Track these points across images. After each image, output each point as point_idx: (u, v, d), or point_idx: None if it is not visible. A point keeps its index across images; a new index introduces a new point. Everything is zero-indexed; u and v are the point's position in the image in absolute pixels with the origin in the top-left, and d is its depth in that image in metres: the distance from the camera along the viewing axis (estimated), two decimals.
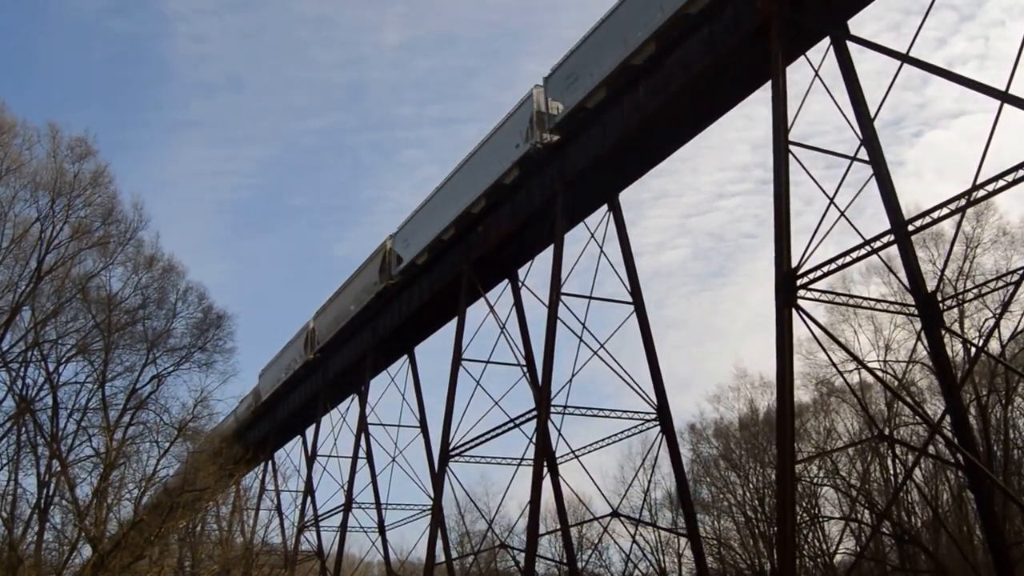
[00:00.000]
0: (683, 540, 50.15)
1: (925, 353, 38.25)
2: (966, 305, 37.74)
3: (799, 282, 26.79)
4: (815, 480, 43.02)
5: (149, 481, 26.16)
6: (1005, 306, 32.19)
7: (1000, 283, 29.47)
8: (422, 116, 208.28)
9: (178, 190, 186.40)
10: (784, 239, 27.38)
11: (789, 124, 28.84)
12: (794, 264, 26.88)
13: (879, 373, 31.63)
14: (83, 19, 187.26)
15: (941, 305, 29.32)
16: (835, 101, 30.61)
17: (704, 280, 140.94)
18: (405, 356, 51.88)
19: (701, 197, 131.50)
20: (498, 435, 38.35)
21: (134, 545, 25.87)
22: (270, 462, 64.16)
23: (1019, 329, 35.55)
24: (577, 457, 37.49)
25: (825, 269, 26.85)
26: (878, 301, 30.46)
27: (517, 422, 38.03)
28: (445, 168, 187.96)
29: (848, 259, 27.05)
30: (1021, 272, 27.70)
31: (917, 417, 37.64)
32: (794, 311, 26.64)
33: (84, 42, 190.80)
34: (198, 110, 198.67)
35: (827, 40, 30.25)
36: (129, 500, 27.94)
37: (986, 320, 36.02)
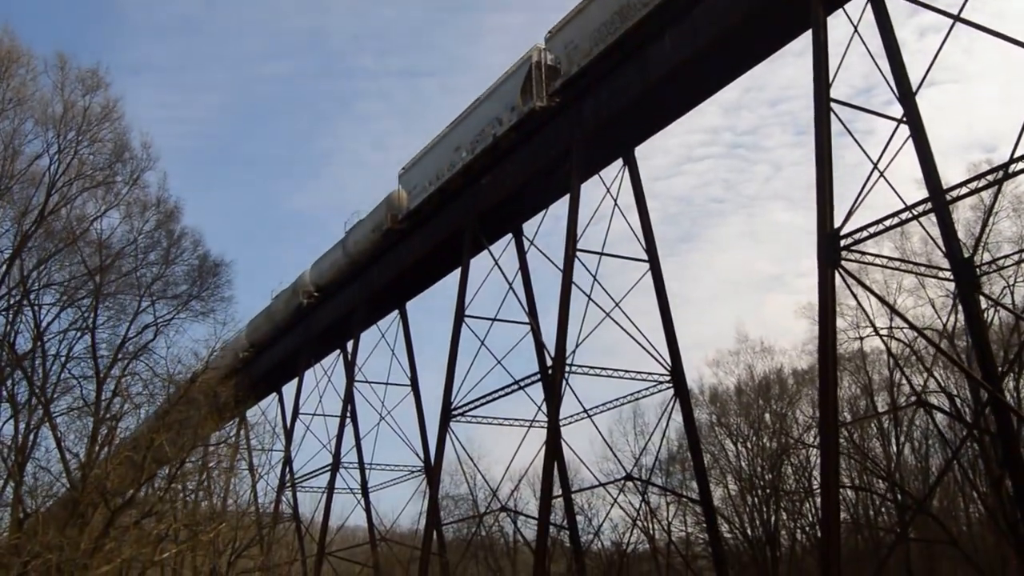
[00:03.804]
0: (671, 508, 49.72)
1: (936, 320, 38.10)
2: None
3: (842, 243, 26.05)
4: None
5: (158, 433, 24.50)
6: None
7: None
8: (383, 67, 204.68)
9: None
10: (827, 200, 26.43)
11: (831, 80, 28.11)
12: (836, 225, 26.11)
13: (928, 335, 30.86)
14: None
15: (977, 271, 28.77)
16: (873, 59, 29.65)
17: (671, 245, 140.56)
18: (395, 312, 50.35)
19: (669, 159, 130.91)
20: (504, 396, 37.22)
21: (144, 502, 24.44)
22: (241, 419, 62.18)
23: None
24: (591, 417, 36.53)
25: (870, 231, 26.03)
26: (916, 264, 29.75)
27: (523, 383, 36.89)
28: (406, 122, 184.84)
29: (891, 223, 26.32)
30: None
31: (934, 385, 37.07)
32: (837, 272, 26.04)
33: None
34: (150, 53, 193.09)
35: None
36: (132, 454, 26.20)
37: (1003, 289, 35.46)
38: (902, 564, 40.40)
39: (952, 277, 28.03)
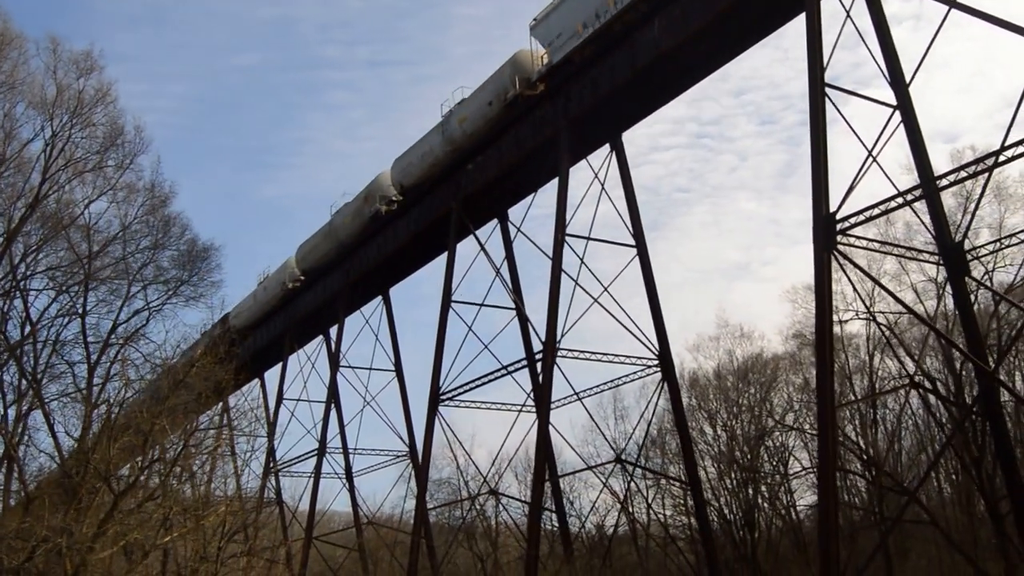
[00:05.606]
0: (651, 491, 50.02)
1: (918, 305, 38.63)
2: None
3: (838, 227, 26.39)
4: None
5: (157, 418, 24.32)
6: None
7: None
8: (351, 57, 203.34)
9: None
10: (823, 184, 26.76)
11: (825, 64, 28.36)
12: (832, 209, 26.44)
13: (923, 317, 31.44)
14: None
15: (968, 255, 29.34)
16: (866, 45, 29.95)
17: None
18: (378, 299, 50.16)
19: (635, 150, 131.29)
20: (490, 381, 37.35)
21: (144, 486, 24.27)
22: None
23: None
24: (581, 401, 36.75)
25: (867, 215, 26.41)
26: (909, 249, 30.28)
27: (511, 368, 37.03)
28: (375, 112, 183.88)
29: (885, 207, 26.71)
30: None
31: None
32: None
33: None
34: (119, 44, 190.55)
35: None
36: (132, 438, 25.99)
37: (985, 274, 36.04)
38: (878, 546, 41.03)
39: (942, 261, 28.64)
